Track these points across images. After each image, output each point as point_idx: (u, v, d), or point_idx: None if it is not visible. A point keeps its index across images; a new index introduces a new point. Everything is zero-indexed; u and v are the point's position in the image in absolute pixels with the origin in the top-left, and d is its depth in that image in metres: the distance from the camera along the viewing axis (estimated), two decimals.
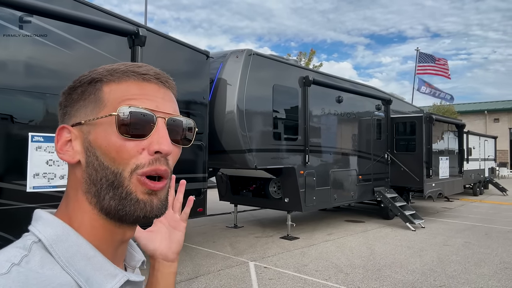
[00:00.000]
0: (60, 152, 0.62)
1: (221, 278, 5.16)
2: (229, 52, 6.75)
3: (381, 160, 10.23)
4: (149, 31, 4.88)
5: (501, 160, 31.16)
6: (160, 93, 0.63)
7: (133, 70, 0.62)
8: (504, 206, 13.51)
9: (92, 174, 0.60)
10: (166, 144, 0.60)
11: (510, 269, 5.80)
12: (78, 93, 0.63)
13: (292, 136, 7.52)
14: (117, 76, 0.62)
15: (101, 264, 0.59)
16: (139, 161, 0.59)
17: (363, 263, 6.02)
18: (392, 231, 8.60)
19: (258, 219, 9.90)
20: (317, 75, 8.42)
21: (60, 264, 0.56)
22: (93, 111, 0.61)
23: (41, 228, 0.58)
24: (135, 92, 0.61)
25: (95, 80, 0.62)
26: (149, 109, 0.60)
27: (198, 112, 5.77)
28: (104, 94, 0.61)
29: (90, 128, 0.60)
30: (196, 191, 5.58)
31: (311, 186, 7.80)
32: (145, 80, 0.62)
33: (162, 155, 0.61)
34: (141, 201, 0.60)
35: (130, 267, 0.70)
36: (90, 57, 4.47)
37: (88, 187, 0.60)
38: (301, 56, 21.45)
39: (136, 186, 0.59)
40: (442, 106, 30.68)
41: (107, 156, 0.59)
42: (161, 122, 0.61)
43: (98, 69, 0.63)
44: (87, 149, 0.60)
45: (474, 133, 17.31)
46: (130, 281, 0.62)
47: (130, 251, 0.72)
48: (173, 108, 0.65)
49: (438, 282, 5.18)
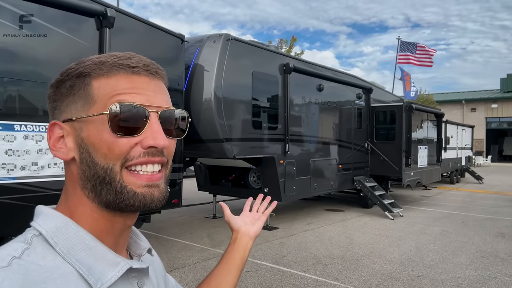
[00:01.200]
0: (53, 149, 0.62)
1: (196, 272, 5.00)
2: (206, 37, 6.47)
3: (361, 149, 10.21)
4: (118, 12, 4.58)
5: (477, 149, 31.95)
6: (151, 86, 0.63)
7: (122, 63, 0.61)
8: (479, 194, 13.80)
9: (86, 171, 0.60)
10: (161, 139, 0.60)
11: (486, 258, 5.85)
12: (67, 87, 0.62)
13: (272, 125, 7.35)
14: (105, 70, 0.61)
15: (102, 254, 0.59)
16: (131, 154, 0.59)
17: (342, 253, 5.96)
18: (371, 220, 8.61)
19: (237, 209, 9.69)
20: (298, 62, 8.24)
21: (61, 255, 0.56)
22: (84, 107, 0.60)
23: (41, 222, 0.59)
24: (125, 87, 0.60)
25: (83, 74, 0.61)
26: (141, 104, 0.60)
27: (172, 100, 5.44)
28: (94, 89, 0.60)
29: (81, 125, 0.60)
30: (171, 182, 5.36)
31: (291, 176, 7.68)
32: (135, 73, 0.61)
33: (158, 150, 0.61)
34: (140, 194, 0.60)
35: (136, 255, 0.70)
36: (55, 40, 4.15)
37: (83, 183, 0.61)
38: (282, 43, 21.21)
39: (129, 178, 0.60)
40: (421, 96, 31.11)
41: (99, 153, 0.59)
42: (154, 117, 0.61)
43: (86, 61, 0.62)
44: (80, 146, 0.60)
45: (452, 122, 17.57)
46: (134, 269, 0.62)
47: (135, 240, 0.72)
48: (165, 100, 0.64)
49: (416, 272, 5.16)
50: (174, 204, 5.37)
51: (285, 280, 4.78)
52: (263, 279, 4.79)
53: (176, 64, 5.58)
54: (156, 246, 6.06)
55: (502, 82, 38.71)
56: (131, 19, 4.84)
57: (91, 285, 0.56)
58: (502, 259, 5.78)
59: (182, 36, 5.59)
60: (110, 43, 4.38)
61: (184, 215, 8.59)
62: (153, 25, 5.16)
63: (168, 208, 5.59)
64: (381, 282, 4.79)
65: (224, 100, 6.25)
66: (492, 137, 38.81)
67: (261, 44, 7.79)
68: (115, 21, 4.43)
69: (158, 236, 6.70)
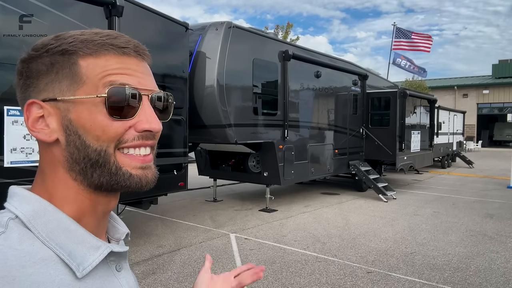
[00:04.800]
0: (33, 130, 0.58)
1: (203, 250, 5.28)
2: (208, 25, 6.61)
3: (356, 134, 10.48)
4: (127, 1, 4.71)
5: (468, 134, 32.50)
6: (140, 67, 0.61)
7: (111, 42, 0.58)
8: (470, 178, 14.23)
9: (74, 153, 0.57)
10: (155, 122, 0.59)
11: (475, 236, 6.21)
12: (46, 64, 0.57)
13: (272, 111, 7.56)
14: (94, 49, 0.57)
15: (83, 237, 0.58)
16: (124, 137, 0.58)
17: (339, 233, 6.28)
18: (365, 202, 8.94)
19: (237, 193, 10.04)
20: (297, 49, 8.41)
21: (40, 239, 0.54)
22: (70, 87, 0.56)
23: (17, 204, 0.56)
24: (116, 67, 0.57)
25: (68, 52, 0.57)
26: (134, 87, 0.58)
27: (177, 86, 5.69)
28: (81, 69, 0.56)
29: (68, 105, 0.57)
30: (177, 165, 5.59)
31: (290, 160, 7.94)
32: (125, 54, 0.59)
33: (152, 133, 0.60)
34: (136, 175, 0.59)
35: (114, 240, 0.69)
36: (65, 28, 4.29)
37: (70, 166, 0.58)
38: (278, 29, 21.23)
39: (124, 160, 0.58)
40: (414, 82, 31.40)
41: (91, 135, 0.56)
42: (146, 100, 0.59)
43: (68, 37, 0.57)
44: (67, 127, 0.57)
45: (444, 108, 17.90)
46: (114, 253, 0.61)
47: (114, 224, 0.70)
48: (153, 83, 0.63)
49: (409, 249, 5.49)
50: (180, 187, 5.60)
51: (287, 257, 5.08)
52: (266, 256, 5.09)
53: (181, 51, 5.74)
54: (162, 227, 6.33)
55: (493, 68, 39.14)
56: (138, 7, 4.98)
57: (73, 270, 0.55)
58: (490, 237, 6.14)
59: (187, 24, 5.73)
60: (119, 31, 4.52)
61: (185, 198, 8.85)
62: (159, 13, 5.31)
63: (175, 191, 5.82)
64: (376, 258, 5.11)
65: (226, 87, 6.44)
66: (483, 123, 39.46)
67: (261, 31, 7.95)
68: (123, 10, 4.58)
69: (163, 218, 6.96)
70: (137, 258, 4.90)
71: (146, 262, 4.79)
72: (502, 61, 39.88)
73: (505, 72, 37.74)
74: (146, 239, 5.70)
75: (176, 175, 5.52)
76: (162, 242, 5.58)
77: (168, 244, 5.48)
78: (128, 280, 0.65)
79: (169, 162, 5.44)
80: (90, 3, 4.41)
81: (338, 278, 4.42)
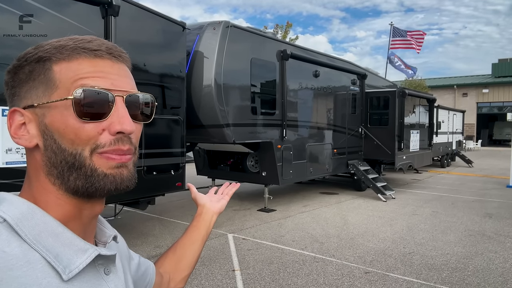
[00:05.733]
0: (15, 136, 0.60)
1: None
2: (205, 24, 6.59)
3: (355, 134, 10.46)
4: (123, 0, 4.69)
5: (468, 133, 32.49)
6: (115, 69, 0.61)
7: (83, 46, 0.59)
8: (469, 177, 14.21)
9: (51, 157, 0.58)
10: (127, 123, 0.59)
11: (474, 236, 6.19)
12: (26, 72, 0.59)
13: (270, 110, 7.54)
14: (66, 53, 0.59)
15: (70, 240, 0.58)
16: (99, 141, 0.58)
17: (337, 233, 6.26)
18: (364, 202, 8.93)
19: (235, 192, 9.80)
20: (295, 48, 8.39)
21: (27, 242, 0.54)
22: (45, 92, 0.58)
23: (5, 208, 0.57)
24: (88, 70, 0.58)
25: (43, 58, 0.59)
26: (105, 88, 0.58)
27: (175, 86, 5.67)
28: (55, 74, 0.58)
29: (44, 111, 0.58)
30: (174, 165, 5.57)
31: (288, 160, 7.92)
32: (97, 57, 0.60)
33: (125, 135, 0.60)
34: (110, 175, 0.59)
35: (101, 243, 0.69)
36: (60, 27, 4.27)
37: (49, 170, 0.59)
38: (278, 28, 21.21)
39: (100, 162, 0.59)
40: (413, 81, 31.36)
41: (65, 138, 0.57)
42: (120, 101, 0.60)
43: (45, 45, 0.60)
44: (44, 132, 0.58)
45: (443, 107, 17.88)
46: (102, 256, 0.61)
47: (100, 227, 0.71)
48: (130, 84, 0.63)
49: (407, 249, 5.48)
50: (178, 187, 5.58)
51: (284, 257, 5.06)
52: (264, 256, 5.07)
53: (178, 51, 5.71)
54: (159, 228, 6.31)
55: (493, 67, 39.11)
56: (135, 7, 4.95)
57: (59, 272, 0.55)
58: (489, 237, 6.12)
59: (184, 23, 5.71)
60: (115, 31, 4.51)
61: (184, 198, 8.82)
62: (156, 12, 5.28)
63: (173, 191, 5.80)
64: (375, 258, 5.09)
65: (224, 86, 6.42)
66: (483, 122, 39.44)
67: (259, 30, 7.92)
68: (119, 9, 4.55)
69: (160, 218, 6.94)
70: None
71: None
72: (502, 60, 39.85)
73: (504, 71, 37.71)
74: (144, 239, 5.68)
75: (173, 175, 5.49)
76: (160, 242, 5.57)
77: (165, 245, 5.46)
78: (117, 284, 0.65)
79: (166, 162, 5.41)
80: (86, 3, 4.38)
81: (335, 278, 4.41)
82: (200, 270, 4.55)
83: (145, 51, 5.15)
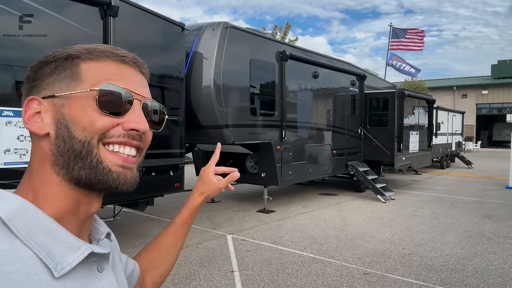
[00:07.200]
0: (27, 122, 0.61)
1: (199, 251, 5.25)
2: (205, 25, 6.59)
3: (354, 135, 10.46)
4: (122, 1, 4.69)
5: (467, 134, 32.52)
6: (137, 77, 0.66)
7: (112, 51, 0.64)
8: (469, 178, 14.21)
9: (60, 145, 0.60)
10: (143, 123, 0.63)
11: (473, 237, 6.18)
12: (51, 67, 0.62)
13: (269, 111, 7.54)
14: (95, 55, 0.62)
15: (63, 237, 0.58)
16: (110, 132, 0.60)
17: (337, 234, 6.25)
18: (363, 203, 8.92)
19: (235, 193, 10.01)
20: (294, 49, 8.39)
21: (19, 238, 0.54)
22: (69, 86, 0.61)
23: None
24: (114, 72, 0.62)
25: (72, 56, 0.62)
26: (128, 89, 0.62)
27: (174, 87, 5.66)
28: (82, 70, 0.61)
29: (64, 101, 0.60)
30: (173, 166, 5.56)
31: (287, 161, 7.92)
32: (124, 62, 0.64)
33: (138, 133, 0.63)
34: (115, 172, 0.61)
35: (94, 240, 0.70)
36: (59, 28, 4.27)
37: (55, 159, 0.60)
38: (277, 30, 21.22)
39: (106, 155, 0.60)
40: (413, 82, 31.40)
41: (78, 126, 0.59)
42: (138, 104, 0.63)
43: (75, 46, 0.63)
44: (59, 121, 0.60)
45: (443, 108, 17.89)
46: (95, 254, 0.61)
47: (94, 225, 0.71)
48: (148, 93, 0.67)
49: (406, 250, 5.47)
50: (177, 188, 5.57)
51: (283, 258, 5.05)
52: (262, 257, 5.06)
53: (177, 51, 5.71)
54: (158, 229, 6.30)
55: (492, 68, 39.14)
56: (134, 8, 4.95)
57: (51, 269, 0.55)
58: (488, 238, 6.12)
59: (183, 24, 5.70)
60: (114, 32, 4.51)
61: (183, 199, 8.79)
62: (155, 13, 5.28)
63: (171, 192, 5.79)
64: (373, 259, 5.08)
65: (223, 87, 6.41)
66: (482, 123, 39.46)
67: (258, 31, 7.93)
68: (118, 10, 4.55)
69: (160, 219, 6.93)
70: None
71: None
72: (501, 62, 39.89)
73: (504, 73, 37.74)
74: (142, 240, 5.67)
75: (172, 176, 5.48)
76: None
77: None
78: (110, 281, 0.65)
79: (165, 163, 5.40)
80: (85, 3, 4.38)
81: (334, 279, 4.40)
82: (199, 271, 4.54)
83: (144, 52, 5.15)
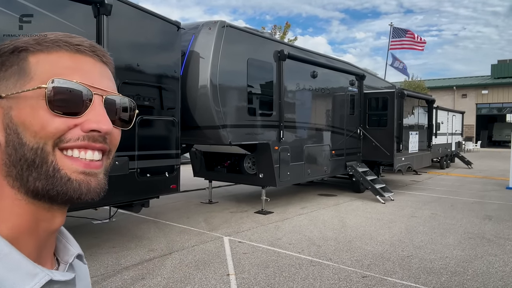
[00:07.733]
0: None
1: (195, 254, 5.16)
2: (201, 24, 6.50)
3: (353, 135, 10.38)
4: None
5: (467, 134, 32.44)
6: (97, 68, 0.56)
7: (65, 40, 0.54)
8: (469, 178, 14.13)
9: (12, 154, 0.52)
10: (105, 122, 0.54)
11: (473, 239, 6.10)
12: None
13: (267, 111, 7.45)
14: (46, 45, 0.54)
15: (17, 263, 0.51)
16: (66, 136, 0.52)
17: (335, 236, 6.17)
18: (362, 204, 8.84)
19: (232, 194, 9.93)
20: (292, 49, 8.30)
21: None
22: (16, 84, 0.52)
23: None
24: (68, 65, 0.53)
25: (18, 49, 0.53)
26: (86, 84, 0.53)
27: (169, 87, 5.58)
28: (31, 65, 0.53)
29: (12, 103, 0.52)
30: (169, 167, 5.47)
31: (286, 162, 7.83)
32: (79, 52, 0.55)
33: (101, 134, 0.54)
34: (75, 181, 0.53)
35: (63, 263, 0.62)
36: (51, 26, 4.18)
37: (8, 170, 0.52)
38: (276, 29, 21.14)
39: (64, 162, 0.52)
40: (413, 82, 31.36)
41: (29, 130, 0.51)
42: (98, 100, 0.54)
43: (23, 38, 0.55)
44: (8, 126, 0.52)
45: (443, 108, 17.82)
46: (55, 281, 0.54)
47: (65, 244, 0.64)
48: (111, 86, 0.58)
49: (406, 253, 5.38)
50: (172, 189, 5.49)
51: (281, 261, 4.96)
52: (259, 260, 4.97)
53: (173, 51, 5.63)
54: (154, 231, 6.22)
55: (492, 68, 39.08)
56: (128, 6, 4.87)
57: None
58: (489, 240, 6.03)
59: (178, 23, 5.62)
60: (107, 31, 4.42)
61: (180, 200, 8.73)
62: (150, 12, 5.20)
63: (167, 194, 5.70)
64: (372, 262, 5.00)
65: (220, 87, 6.33)
66: (482, 123, 39.38)
67: (256, 31, 7.84)
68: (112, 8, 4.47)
69: (156, 221, 6.84)
70: (127, 263, 4.79)
71: (136, 266, 4.68)
72: (501, 61, 39.83)
73: (504, 72, 37.67)
74: (138, 242, 5.58)
75: (168, 177, 5.40)
76: (154, 245, 5.47)
77: (159, 248, 5.36)
78: None
79: (160, 164, 5.32)
80: (78, 2, 4.30)
81: (332, 283, 4.31)
82: (194, 275, 4.45)
83: (138, 51, 5.06)
